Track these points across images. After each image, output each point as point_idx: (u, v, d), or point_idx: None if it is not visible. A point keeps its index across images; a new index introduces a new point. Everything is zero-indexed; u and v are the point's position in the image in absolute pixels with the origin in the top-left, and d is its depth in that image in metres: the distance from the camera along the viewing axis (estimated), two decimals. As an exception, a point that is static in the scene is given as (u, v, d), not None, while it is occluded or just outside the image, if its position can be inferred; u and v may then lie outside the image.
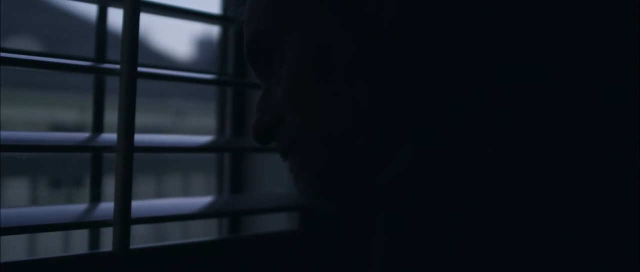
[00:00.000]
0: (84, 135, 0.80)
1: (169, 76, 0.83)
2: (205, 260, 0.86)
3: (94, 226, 0.78)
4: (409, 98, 0.53)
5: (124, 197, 0.78)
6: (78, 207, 0.80)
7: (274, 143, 0.62)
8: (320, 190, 0.58)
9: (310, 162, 0.58)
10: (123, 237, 0.78)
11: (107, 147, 0.78)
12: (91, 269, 0.77)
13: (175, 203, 0.85)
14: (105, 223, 0.78)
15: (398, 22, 0.54)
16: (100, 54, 0.88)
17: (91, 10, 0.87)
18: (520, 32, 0.53)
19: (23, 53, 0.74)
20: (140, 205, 0.82)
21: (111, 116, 0.81)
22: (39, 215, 0.77)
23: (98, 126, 0.88)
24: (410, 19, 0.54)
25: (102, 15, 0.87)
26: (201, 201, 0.90)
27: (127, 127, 0.77)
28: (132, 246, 0.79)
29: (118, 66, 0.78)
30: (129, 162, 0.78)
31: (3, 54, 0.72)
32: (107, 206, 0.81)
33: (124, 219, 0.78)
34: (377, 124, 0.54)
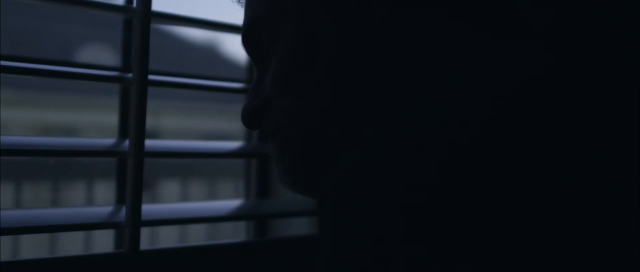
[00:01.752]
0: (96, 140, 0.83)
1: (180, 84, 0.86)
2: (216, 263, 0.89)
3: (106, 227, 0.81)
4: (387, 93, 0.54)
5: (135, 200, 0.80)
6: (93, 210, 0.84)
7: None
8: (296, 179, 0.60)
9: (289, 150, 0.60)
10: (134, 238, 0.81)
11: (118, 152, 0.81)
12: (103, 269, 0.80)
13: (187, 207, 0.88)
14: (117, 225, 0.81)
15: (384, 18, 0.55)
16: (126, 64, 0.91)
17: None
18: (498, 30, 0.54)
19: (33, 62, 0.77)
20: (152, 208, 0.85)
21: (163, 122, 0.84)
22: (55, 216, 0.81)
23: (124, 132, 0.91)
24: (397, 15, 0.55)
25: (128, 26, 0.90)
26: (217, 204, 0.93)
27: (138, 133, 0.80)
28: (143, 248, 0.82)
29: (131, 75, 0.81)
30: (140, 166, 0.80)
31: (19, 64, 0.75)
32: (119, 209, 0.84)
33: (134, 221, 0.80)
34: (355, 116, 0.56)
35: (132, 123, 0.80)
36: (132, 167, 0.80)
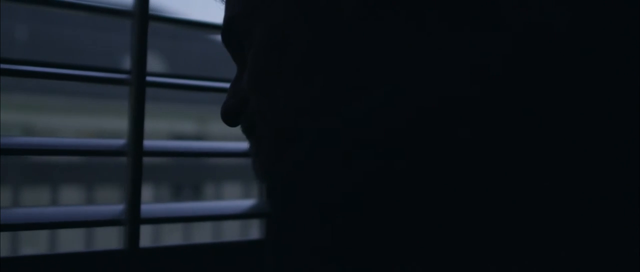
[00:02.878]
0: (99, 140, 0.85)
1: (177, 85, 0.87)
2: (213, 261, 0.90)
3: (106, 225, 0.83)
4: (347, 92, 0.54)
5: (134, 198, 0.82)
6: (94, 208, 0.86)
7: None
8: (268, 178, 0.60)
9: (263, 148, 0.60)
10: (133, 235, 0.83)
11: (118, 152, 0.83)
12: (103, 266, 0.82)
13: (187, 206, 0.89)
14: (116, 222, 0.83)
15: (353, 17, 0.55)
16: (142, 66, 0.93)
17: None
18: (459, 20, 0.53)
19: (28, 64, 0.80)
20: (151, 206, 0.87)
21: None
22: (55, 213, 0.83)
23: (139, 134, 0.93)
24: (365, 14, 0.55)
25: (142, 29, 0.92)
26: (219, 204, 0.94)
27: (137, 132, 0.82)
28: (142, 245, 0.84)
29: (128, 76, 0.83)
30: (139, 165, 0.82)
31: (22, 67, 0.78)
32: (119, 206, 0.86)
33: (133, 218, 0.82)
34: (321, 115, 0.56)
35: (130, 123, 0.82)
36: (130, 166, 0.82)
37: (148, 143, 0.84)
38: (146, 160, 0.84)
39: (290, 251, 0.43)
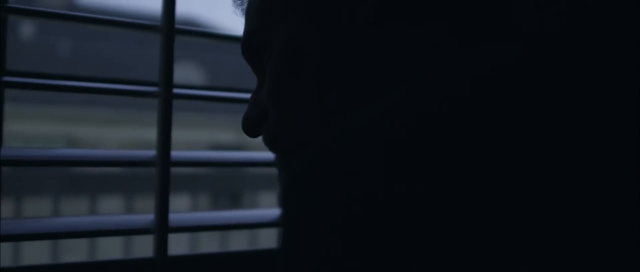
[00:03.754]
0: (129, 151, 0.88)
1: (204, 96, 0.90)
2: (245, 269, 0.92)
3: (136, 233, 0.86)
4: (360, 102, 0.55)
5: (162, 208, 0.85)
6: (124, 217, 0.89)
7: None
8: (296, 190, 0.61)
9: (293, 165, 0.61)
10: (161, 244, 0.85)
11: (147, 162, 0.86)
12: (132, 273, 0.85)
13: (214, 215, 0.92)
14: (145, 231, 0.85)
15: (367, 29, 0.57)
16: (169, 79, 0.96)
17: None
18: (470, 32, 0.54)
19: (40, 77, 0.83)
20: (179, 215, 0.89)
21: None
22: (91, 222, 0.86)
23: (166, 144, 0.96)
24: (378, 26, 0.56)
25: (169, 43, 0.95)
26: (245, 213, 0.96)
27: (165, 144, 0.85)
28: (171, 253, 0.86)
29: (157, 88, 0.85)
30: (166, 175, 0.85)
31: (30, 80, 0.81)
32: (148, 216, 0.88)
33: (162, 227, 0.85)
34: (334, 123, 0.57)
35: (158, 134, 0.84)
36: (159, 176, 0.84)
37: (175, 153, 0.86)
38: (184, 170, 0.86)
39: (300, 260, 0.44)
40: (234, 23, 0.96)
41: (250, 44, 0.64)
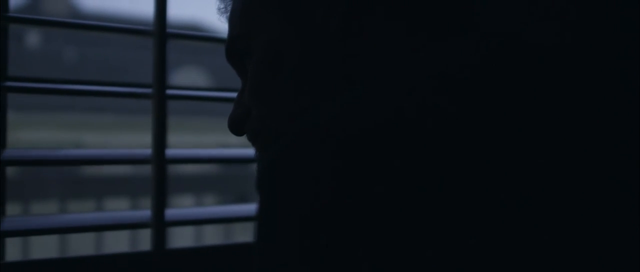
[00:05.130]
0: (126, 150, 0.92)
1: (196, 97, 0.94)
2: (240, 263, 0.96)
3: (135, 227, 0.90)
4: (335, 98, 0.59)
5: (159, 202, 0.89)
6: (123, 213, 0.93)
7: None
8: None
9: (264, 157, 0.66)
10: (159, 237, 0.89)
11: (143, 160, 0.90)
12: (131, 267, 0.89)
13: (208, 210, 0.96)
14: (144, 225, 0.90)
15: (341, 31, 0.60)
16: (162, 80, 1.00)
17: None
18: (438, 30, 0.58)
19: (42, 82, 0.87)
20: (175, 210, 0.93)
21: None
22: (92, 218, 0.90)
23: (160, 145, 1.00)
24: (353, 27, 0.60)
25: (161, 46, 0.99)
26: (237, 207, 1.00)
27: (160, 142, 0.89)
28: (169, 247, 0.90)
29: (150, 90, 0.90)
30: (162, 172, 0.89)
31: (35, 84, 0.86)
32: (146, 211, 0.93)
33: (159, 221, 0.89)
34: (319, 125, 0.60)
35: (154, 133, 0.89)
36: (155, 173, 0.89)
37: (170, 151, 0.90)
38: (189, 171, 0.90)
39: (273, 254, 0.47)
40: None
41: (233, 48, 0.68)
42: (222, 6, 0.70)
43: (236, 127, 0.69)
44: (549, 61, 0.52)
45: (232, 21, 0.68)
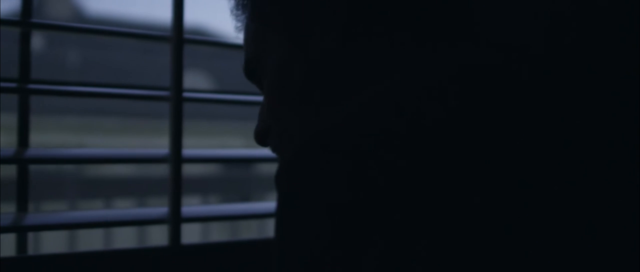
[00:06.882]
0: (144, 150, 0.96)
1: (212, 99, 0.98)
2: (251, 259, 1.00)
3: (152, 224, 0.94)
4: (337, 106, 0.63)
5: (175, 200, 0.93)
6: (144, 209, 0.97)
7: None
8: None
9: (280, 158, 0.69)
10: (175, 233, 0.93)
11: (161, 159, 0.94)
12: (148, 261, 0.93)
13: (223, 207, 1.00)
14: (160, 221, 0.94)
15: (338, 49, 0.63)
16: (179, 83, 1.04)
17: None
18: (425, 33, 0.61)
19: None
20: (191, 208, 0.97)
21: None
22: (110, 215, 0.94)
23: (177, 145, 1.04)
24: (348, 45, 0.63)
25: (178, 51, 1.03)
26: (252, 205, 1.05)
27: (176, 142, 0.93)
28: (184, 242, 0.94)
29: (168, 92, 0.94)
30: (178, 170, 0.93)
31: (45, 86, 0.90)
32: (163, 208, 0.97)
33: (175, 217, 0.93)
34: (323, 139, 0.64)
35: (171, 133, 0.93)
36: (172, 171, 0.93)
37: (186, 151, 0.95)
38: (195, 173, 0.94)
39: (291, 253, 0.50)
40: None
41: (249, 69, 0.73)
42: (238, 25, 0.74)
43: (260, 141, 0.73)
44: (547, 68, 0.54)
45: (246, 43, 0.72)
